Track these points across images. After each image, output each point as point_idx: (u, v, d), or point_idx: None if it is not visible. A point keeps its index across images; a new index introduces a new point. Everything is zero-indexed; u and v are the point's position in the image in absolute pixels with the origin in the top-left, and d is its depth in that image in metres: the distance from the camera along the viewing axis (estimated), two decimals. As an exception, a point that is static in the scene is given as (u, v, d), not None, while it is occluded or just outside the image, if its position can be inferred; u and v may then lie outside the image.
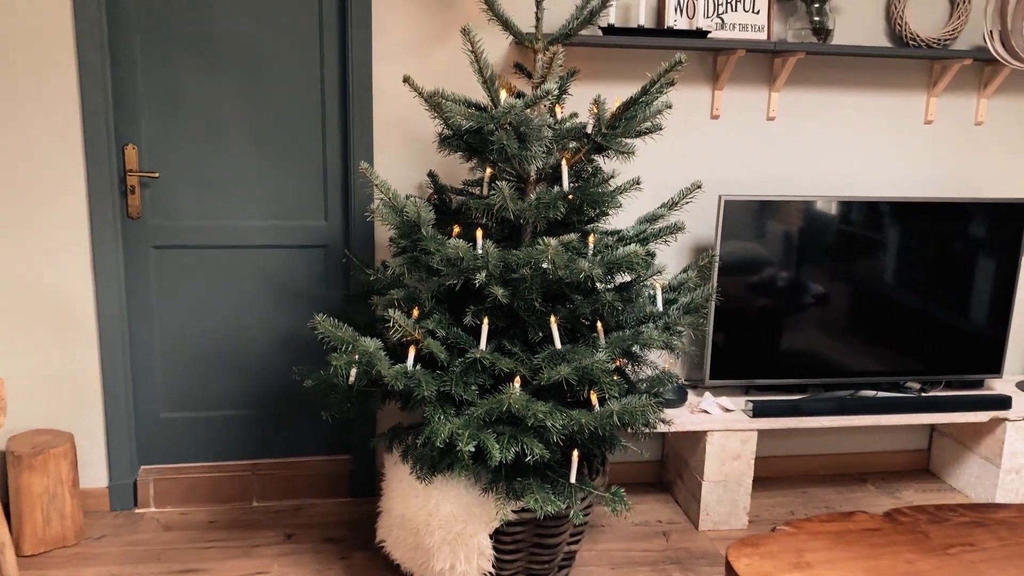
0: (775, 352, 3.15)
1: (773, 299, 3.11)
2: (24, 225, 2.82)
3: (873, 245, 3.14)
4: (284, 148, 2.99)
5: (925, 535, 2.08)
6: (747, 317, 3.10)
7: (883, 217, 3.12)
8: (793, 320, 3.14)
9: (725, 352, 3.11)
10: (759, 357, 3.14)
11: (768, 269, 3.08)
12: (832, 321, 3.17)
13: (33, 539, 2.80)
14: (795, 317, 3.14)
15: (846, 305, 3.16)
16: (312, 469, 3.19)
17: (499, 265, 2.27)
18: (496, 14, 2.42)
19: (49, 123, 2.76)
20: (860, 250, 3.13)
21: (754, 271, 3.07)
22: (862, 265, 3.14)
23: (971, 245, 3.20)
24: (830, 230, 3.09)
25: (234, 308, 3.08)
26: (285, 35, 2.91)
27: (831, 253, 3.11)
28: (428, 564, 2.47)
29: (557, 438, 2.22)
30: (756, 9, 3.05)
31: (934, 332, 3.24)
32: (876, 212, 3.11)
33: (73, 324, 2.91)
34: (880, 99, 3.24)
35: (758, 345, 3.13)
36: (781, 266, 3.09)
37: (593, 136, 2.38)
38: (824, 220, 3.08)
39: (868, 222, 3.11)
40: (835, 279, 3.14)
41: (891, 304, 3.19)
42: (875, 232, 3.13)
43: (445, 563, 2.43)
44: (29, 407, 2.94)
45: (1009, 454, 3.20)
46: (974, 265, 3.22)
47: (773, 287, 3.10)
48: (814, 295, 3.14)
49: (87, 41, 2.73)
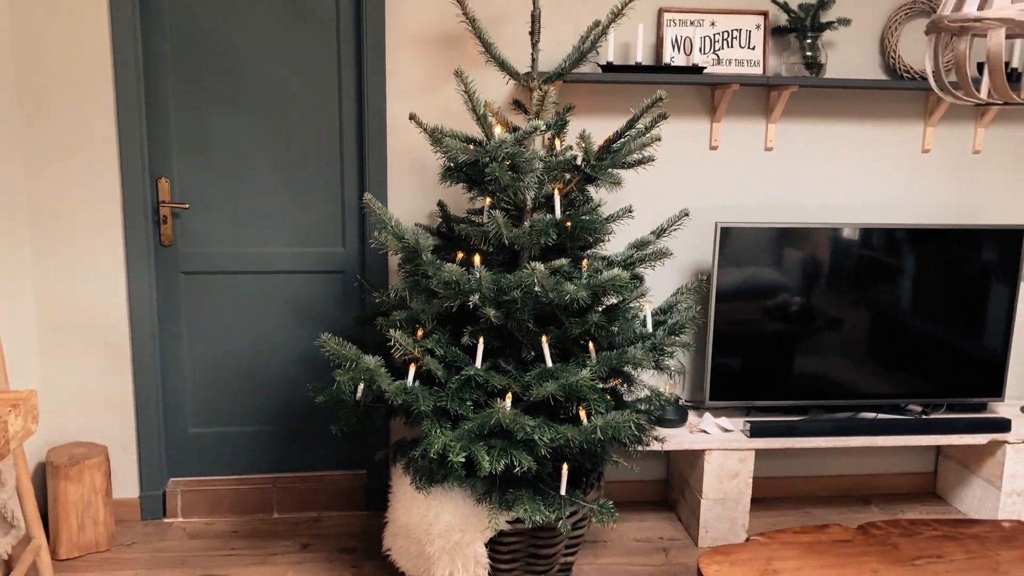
0: (775, 375, 3.24)
1: (772, 323, 3.21)
2: (66, 251, 3.06)
3: (872, 271, 3.23)
4: (305, 180, 3.20)
5: (895, 547, 2.17)
6: (746, 340, 3.21)
7: (882, 243, 3.21)
8: (793, 344, 3.23)
9: (724, 374, 3.21)
10: (758, 379, 3.24)
11: (766, 293, 3.19)
12: (832, 345, 3.26)
13: (68, 544, 3.01)
14: (795, 341, 3.23)
15: (846, 329, 3.25)
16: (330, 483, 3.36)
17: (492, 288, 2.43)
18: (493, 56, 2.60)
19: (89, 158, 3.01)
20: (859, 276, 3.22)
21: (752, 295, 3.18)
22: (861, 290, 3.23)
23: (970, 270, 3.26)
24: (827, 256, 3.19)
25: (258, 329, 3.29)
26: (306, 76, 3.13)
27: (830, 278, 3.21)
28: (429, 572, 2.61)
29: (545, 451, 2.36)
30: (752, 45, 3.19)
31: (935, 356, 3.30)
32: (874, 238, 3.20)
33: (109, 344, 3.14)
34: (877, 129, 3.34)
35: (757, 368, 3.23)
36: (779, 291, 3.19)
37: (583, 168, 2.54)
38: (822, 246, 3.18)
39: (867, 248, 3.21)
40: (834, 304, 3.23)
41: (891, 328, 3.27)
42: (874, 258, 3.22)
43: (445, 571, 2.57)
44: (68, 421, 3.17)
45: (1009, 476, 3.24)
46: (974, 290, 3.28)
47: (772, 311, 3.21)
48: (814, 319, 3.24)
49: (124, 83, 2.97)
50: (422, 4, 3.05)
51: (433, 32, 3.07)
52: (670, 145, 3.25)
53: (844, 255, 3.20)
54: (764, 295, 3.19)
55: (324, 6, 3.09)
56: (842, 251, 3.20)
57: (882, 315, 3.26)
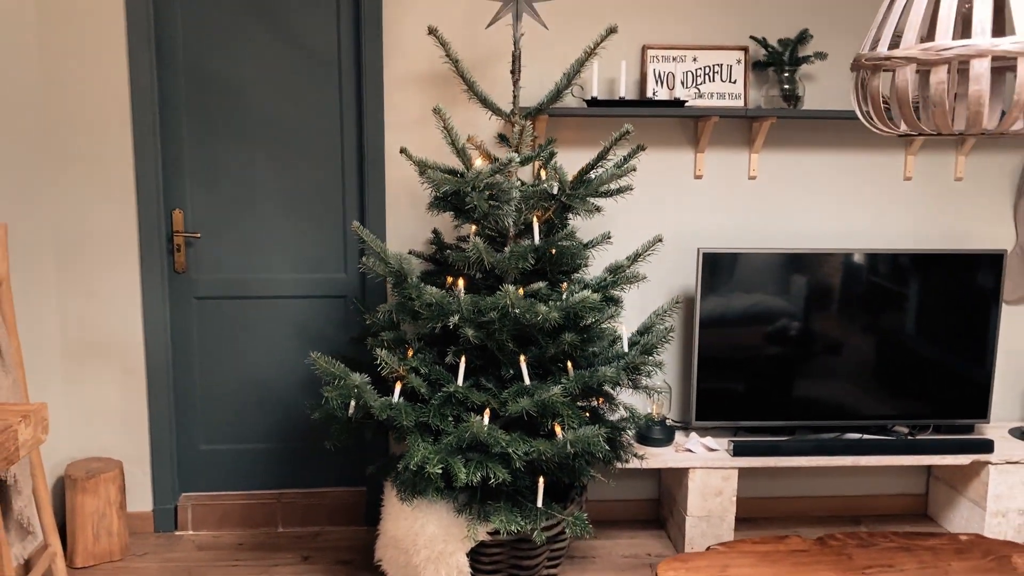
0: (760, 396, 3.34)
1: (756, 345, 3.32)
2: (86, 278, 3.28)
3: (856, 295, 3.32)
4: (309, 210, 3.39)
5: (848, 557, 2.26)
6: (730, 362, 3.32)
7: (865, 268, 3.31)
8: (778, 366, 3.33)
9: (709, 395, 3.32)
10: (743, 400, 3.34)
11: (750, 317, 3.30)
12: (818, 367, 3.35)
13: (84, 553, 3.20)
14: (780, 363, 3.33)
15: (831, 352, 3.34)
16: (331, 499, 3.51)
17: (472, 309, 2.58)
18: (475, 94, 2.78)
19: (109, 192, 3.23)
20: (843, 300, 3.32)
21: (736, 318, 3.29)
22: (846, 314, 3.33)
23: (954, 294, 3.34)
24: (810, 281, 3.30)
25: (265, 351, 3.47)
26: (310, 112, 3.34)
27: (813, 302, 3.31)
28: (416, 581, 2.75)
29: (520, 464, 2.49)
30: (733, 79, 3.33)
31: (920, 378, 3.38)
32: (858, 263, 3.30)
33: (125, 365, 3.34)
34: (859, 158, 3.45)
35: (742, 389, 3.33)
36: (763, 314, 3.30)
37: (559, 197, 2.69)
38: (804, 272, 3.29)
39: (850, 273, 3.31)
40: (819, 327, 3.33)
41: (876, 351, 3.35)
42: (858, 283, 3.32)
43: (430, 580, 2.71)
44: (86, 437, 3.37)
45: (994, 497, 3.29)
46: (957, 313, 3.36)
47: (756, 334, 3.31)
48: (798, 342, 3.33)
49: (141, 122, 3.20)
50: (417, 46, 3.24)
51: (427, 71, 3.26)
52: (656, 174, 3.39)
53: (827, 280, 3.30)
54: (748, 318, 3.30)
55: (326, 48, 3.30)
56: (825, 276, 3.30)
57: (867, 338, 3.35)
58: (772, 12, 3.33)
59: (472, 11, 3.23)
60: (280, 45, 3.29)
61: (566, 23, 3.27)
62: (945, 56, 1.61)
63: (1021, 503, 3.31)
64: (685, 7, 3.31)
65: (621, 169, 2.75)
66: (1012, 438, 3.46)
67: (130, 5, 3.13)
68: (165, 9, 3.23)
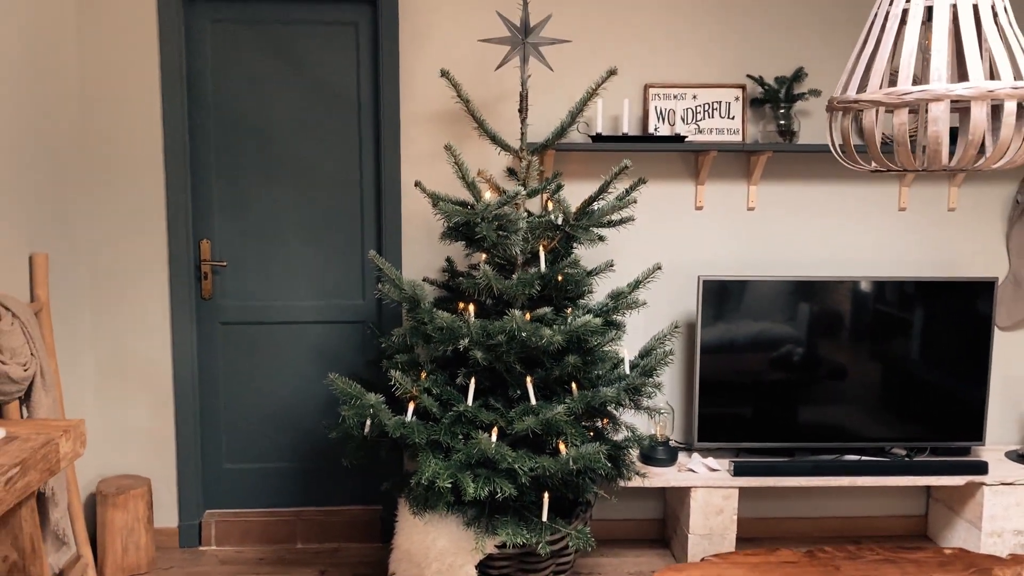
0: (760, 418, 3.47)
1: (755, 369, 3.45)
2: (119, 305, 3.47)
3: (854, 321, 3.45)
4: (329, 240, 3.58)
5: (836, 568, 2.38)
6: (731, 385, 3.45)
7: (863, 295, 3.44)
8: (778, 389, 3.46)
9: (711, 417, 3.45)
10: (744, 423, 3.46)
11: (748, 342, 3.44)
12: (816, 391, 3.47)
13: (113, 566, 3.36)
14: (780, 386, 3.46)
15: (830, 376, 3.47)
16: (348, 517, 3.66)
17: (481, 333, 2.74)
18: (485, 131, 2.96)
19: (142, 224, 3.44)
20: (841, 325, 3.45)
21: (734, 343, 3.43)
22: (844, 339, 3.46)
23: (948, 320, 3.47)
24: (808, 307, 3.44)
25: (286, 374, 3.65)
26: (331, 149, 3.54)
27: (812, 328, 3.45)
28: (428, 592, 2.89)
29: (525, 479, 2.64)
30: (731, 115, 3.50)
31: (917, 401, 3.49)
32: (855, 291, 3.44)
33: (154, 387, 3.53)
34: (855, 189, 3.60)
35: (742, 411, 3.46)
36: (761, 339, 3.44)
37: (563, 227, 2.86)
38: (802, 298, 3.43)
39: (847, 300, 3.44)
40: (818, 352, 3.46)
41: (874, 375, 3.47)
42: (855, 309, 3.45)
43: (441, 591, 2.84)
44: (117, 456, 3.55)
45: (989, 518, 3.39)
46: (952, 338, 3.48)
47: (754, 358, 3.45)
48: (798, 367, 3.46)
49: (173, 158, 3.41)
50: (431, 86, 3.44)
51: (441, 109, 3.45)
52: (659, 206, 3.56)
53: (825, 307, 3.44)
54: (747, 343, 3.44)
55: (347, 88, 3.51)
56: (823, 303, 3.44)
57: (865, 363, 3.47)
58: (769, 52, 3.51)
59: (483, 53, 3.43)
60: (304, 85, 3.50)
61: (573, 64, 3.46)
62: (906, 100, 1.77)
63: (1016, 523, 3.40)
64: (685, 48, 3.49)
65: (622, 201, 2.92)
66: (1008, 460, 3.56)
67: (164, 51, 3.36)
68: (196, 53, 3.46)
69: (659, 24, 3.48)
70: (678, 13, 3.48)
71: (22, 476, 2.08)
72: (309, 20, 3.47)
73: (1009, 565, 2.42)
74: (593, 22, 3.45)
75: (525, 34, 2.98)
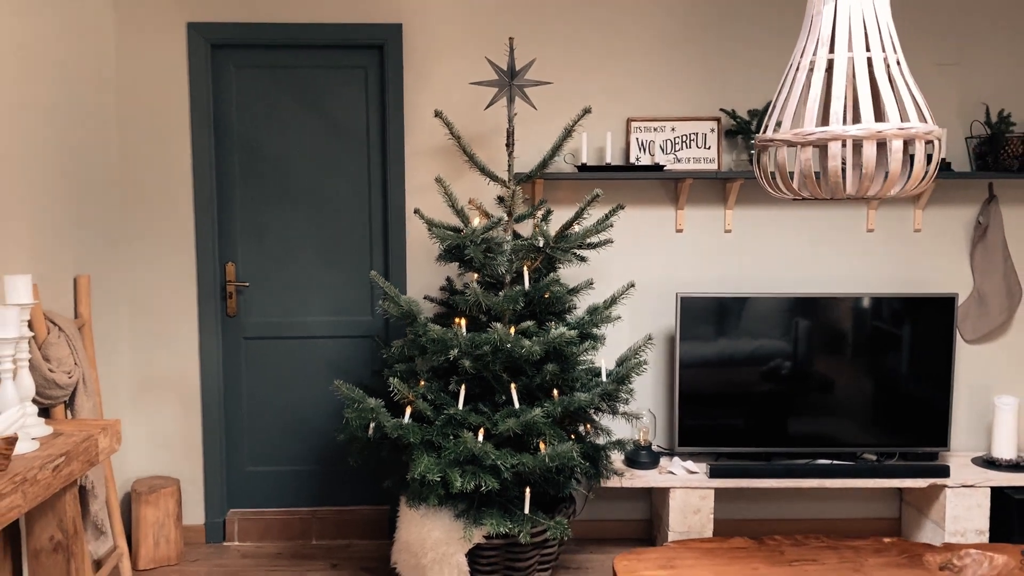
0: (738, 425, 3.74)
1: (732, 378, 3.73)
2: (152, 322, 3.86)
3: (825, 334, 3.73)
4: (341, 262, 3.94)
5: (781, 553, 2.65)
6: (709, 394, 3.73)
7: (832, 310, 3.71)
8: (753, 397, 3.74)
9: (690, 423, 3.73)
10: (722, 429, 3.74)
11: (725, 354, 3.72)
12: (791, 400, 3.74)
13: (146, 557, 3.72)
14: (754, 395, 3.74)
15: (803, 387, 3.74)
16: (359, 515, 3.99)
17: (469, 344, 3.07)
18: (475, 164, 3.31)
19: (173, 248, 3.83)
20: (813, 339, 3.73)
21: (711, 355, 3.72)
22: (816, 351, 3.73)
23: (913, 332, 3.72)
24: (780, 322, 3.71)
25: (303, 385, 4.00)
26: (343, 180, 3.91)
27: (784, 341, 3.72)
28: (424, 580, 3.20)
29: (508, 474, 2.95)
30: (708, 145, 3.81)
31: (885, 410, 3.75)
32: (825, 306, 3.71)
33: (184, 396, 3.90)
34: (824, 212, 3.89)
35: (720, 418, 3.74)
36: (737, 351, 3.72)
37: (544, 249, 3.19)
38: (774, 313, 3.71)
39: (818, 315, 3.72)
40: (791, 364, 3.73)
41: (845, 385, 3.74)
42: (827, 323, 3.72)
43: (436, 578, 3.16)
44: (150, 458, 3.92)
45: (952, 518, 3.62)
46: (917, 349, 3.73)
47: (730, 369, 3.73)
48: (772, 376, 3.74)
49: (201, 189, 3.81)
50: (432, 123, 3.80)
51: (441, 144, 3.81)
52: (641, 229, 3.87)
53: (798, 321, 3.72)
54: (724, 355, 3.72)
55: (357, 125, 3.88)
56: (796, 318, 3.71)
57: (836, 374, 3.74)
58: (742, 88, 3.82)
59: (478, 93, 3.79)
60: (318, 123, 3.87)
61: (562, 100, 3.80)
62: (808, 139, 2.08)
63: (978, 524, 3.63)
64: (665, 85, 3.81)
65: (600, 225, 3.24)
66: (974, 465, 3.79)
67: (193, 93, 3.76)
68: (222, 95, 3.85)
69: (640, 63, 3.81)
70: (658, 53, 3.81)
71: (67, 465, 2.44)
72: (323, 65, 3.85)
73: (940, 552, 2.68)
74: (581, 62, 3.79)
75: (511, 77, 3.33)
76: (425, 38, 3.78)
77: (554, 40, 3.79)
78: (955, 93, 3.86)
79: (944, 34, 3.84)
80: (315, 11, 3.75)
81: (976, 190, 3.90)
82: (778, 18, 3.81)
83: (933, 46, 3.84)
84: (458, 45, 3.78)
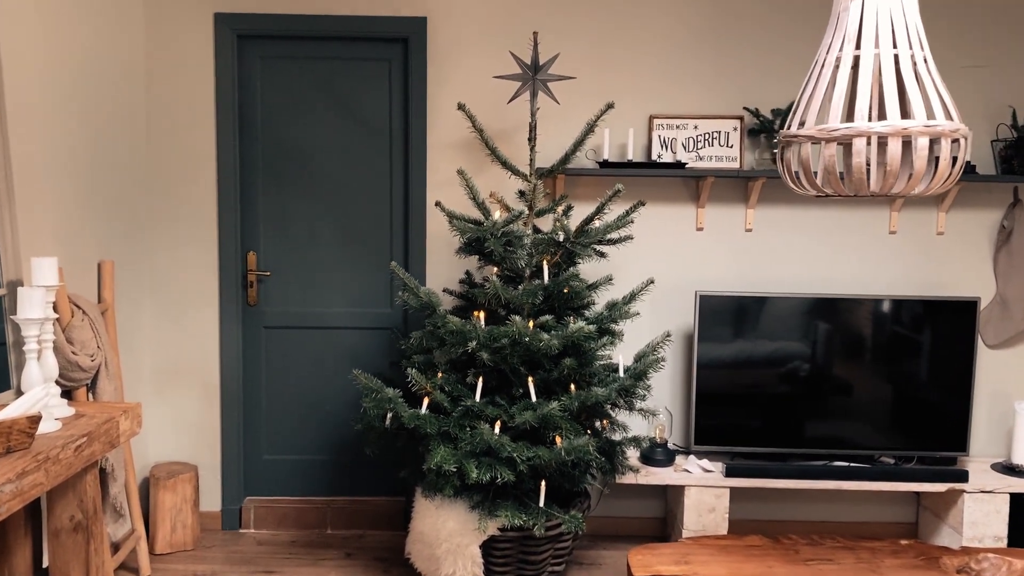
0: (754, 425, 3.73)
1: (750, 378, 3.72)
2: (175, 310, 3.90)
3: (845, 336, 3.71)
4: (361, 253, 3.97)
5: (796, 552, 2.65)
6: (725, 394, 3.72)
7: (853, 312, 3.70)
8: (770, 399, 3.72)
9: (707, 421, 3.73)
10: (738, 429, 3.73)
11: (743, 353, 3.71)
12: (809, 401, 3.72)
13: (163, 542, 3.75)
14: (772, 395, 3.72)
15: (821, 388, 3.72)
16: (374, 506, 4.01)
17: (487, 337, 3.08)
18: (497, 158, 3.31)
19: (196, 237, 3.86)
20: (833, 340, 3.71)
21: (729, 355, 3.71)
22: (836, 353, 3.71)
23: (935, 336, 3.70)
24: (800, 323, 3.70)
25: (321, 375, 4.03)
26: (364, 172, 3.93)
27: (803, 342, 3.71)
28: (438, 571, 3.21)
29: (523, 467, 2.95)
30: (730, 144, 3.80)
31: (905, 413, 3.72)
32: (845, 307, 3.69)
33: (203, 383, 3.93)
34: (847, 213, 3.87)
35: (737, 418, 3.73)
36: (755, 351, 3.71)
37: (564, 244, 3.19)
38: (794, 314, 3.69)
39: (839, 316, 3.70)
40: (809, 365, 3.72)
41: (865, 387, 3.71)
42: (847, 325, 3.70)
43: (450, 569, 3.17)
44: (168, 444, 3.96)
45: (969, 523, 3.59)
46: (937, 353, 3.70)
47: (748, 369, 3.72)
48: (789, 378, 3.73)
49: (224, 180, 3.84)
50: (454, 117, 3.82)
51: (463, 138, 3.82)
52: (661, 226, 3.86)
53: (817, 322, 3.70)
54: (742, 355, 3.71)
55: (379, 118, 3.90)
56: (815, 319, 3.70)
57: (856, 376, 3.72)
58: (764, 86, 3.81)
59: (501, 87, 3.80)
60: (341, 115, 3.90)
61: (585, 95, 3.80)
62: (833, 135, 2.07)
63: (996, 530, 3.60)
64: (688, 83, 3.81)
65: (620, 221, 3.24)
66: (993, 471, 3.76)
67: (219, 84, 3.79)
68: (247, 86, 3.88)
69: (664, 60, 3.80)
70: (682, 50, 3.80)
71: (88, 446, 2.47)
72: (347, 57, 3.87)
73: (958, 555, 2.66)
74: (604, 58, 3.79)
75: (535, 71, 3.33)
76: (449, 32, 3.79)
77: (578, 36, 3.79)
78: (981, 96, 3.83)
79: (970, 37, 3.81)
80: (341, 3, 3.77)
81: (1001, 194, 3.87)
82: (802, 16, 3.80)
83: (960, 49, 3.81)
84: (482, 40, 3.79)
